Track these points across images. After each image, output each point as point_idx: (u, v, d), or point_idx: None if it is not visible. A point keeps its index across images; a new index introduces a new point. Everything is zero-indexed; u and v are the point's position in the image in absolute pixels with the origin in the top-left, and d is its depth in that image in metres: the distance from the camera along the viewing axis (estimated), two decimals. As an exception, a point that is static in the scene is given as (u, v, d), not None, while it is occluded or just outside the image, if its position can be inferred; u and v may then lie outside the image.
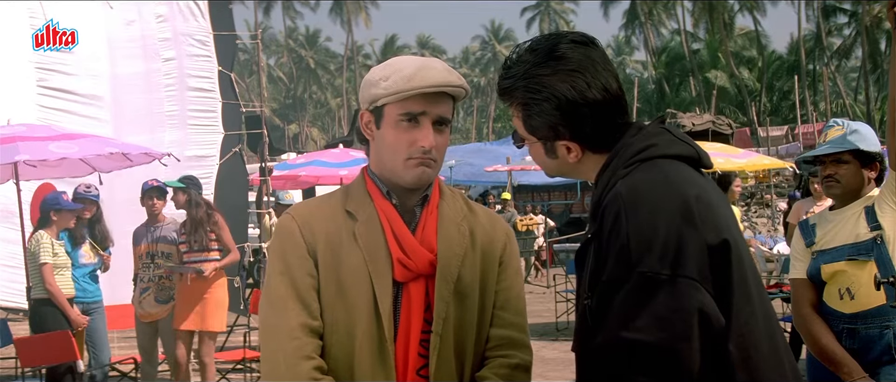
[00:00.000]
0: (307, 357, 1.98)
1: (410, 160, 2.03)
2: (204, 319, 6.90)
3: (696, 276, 1.62)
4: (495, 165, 23.61)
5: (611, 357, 1.62)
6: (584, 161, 1.86)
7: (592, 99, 1.78)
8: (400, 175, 2.05)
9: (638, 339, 1.58)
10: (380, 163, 2.10)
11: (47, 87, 9.76)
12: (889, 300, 2.99)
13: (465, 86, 2.07)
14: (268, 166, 11.81)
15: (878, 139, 3.52)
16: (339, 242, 2.04)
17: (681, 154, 1.79)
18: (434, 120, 2.04)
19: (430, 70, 2.03)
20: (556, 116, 1.80)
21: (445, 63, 2.11)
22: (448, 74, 2.05)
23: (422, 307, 2.03)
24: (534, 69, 1.81)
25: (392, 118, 2.04)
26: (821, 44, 49.70)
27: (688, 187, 1.70)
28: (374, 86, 2.06)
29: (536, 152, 1.90)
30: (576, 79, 1.78)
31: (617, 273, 1.64)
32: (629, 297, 1.61)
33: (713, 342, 1.62)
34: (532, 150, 1.91)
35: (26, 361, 6.62)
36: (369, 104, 2.08)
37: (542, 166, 1.95)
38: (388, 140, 2.05)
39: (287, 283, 2.02)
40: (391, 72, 2.05)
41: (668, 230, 1.62)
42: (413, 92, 2.00)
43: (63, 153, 7.15)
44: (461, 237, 2.08)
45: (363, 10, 76.45)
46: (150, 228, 7.22)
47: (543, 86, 1.79)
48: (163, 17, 10.71)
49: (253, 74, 60.42)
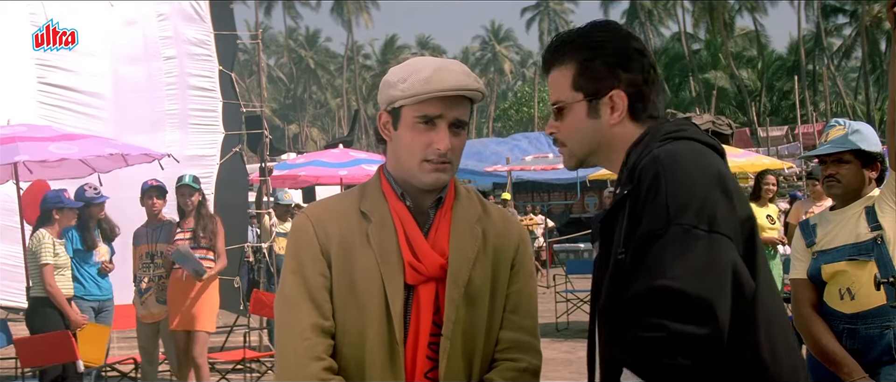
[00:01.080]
0: (317, 358, 1.99)
1: (426, 163, 2.03)
2: (195, 319, 6.88)
3: (732, 236, 1.66)
4: (495, 164, 23.63)
5: (646, 304, 1.62)
6: (621, 127, 1.88)
7: (649, 54, 1.91)
8: (416, 177, 2.05)
9: (674, 287, 1.59)
10: (397, 164, 2.10)
11: (48, 83, 9.75)
12: (889, 300, 2.99)
13: (481, 89, 2.07)
14: (268, 166, 11.79)
15: (878, 139, 3.52)
16: (353, 243, 2.04)
17: (708, 143, 1.85)
18: (450, 122, 2.04)
19: (448, 73, 2.02)
20: (616, 61, 1.86)
21: (463, 66, 2.10)
22: (465, 77, 2.04)
23: (431, 309, 2.03)
24: (591, 32, 1.92)
25: (409, 120, 2.04)
26: (821, 44, 49.71)
27: (720, 164, 1.78)
28: (392, 87, 2.06)
29: (576, 117, 1.90)
30: (632, 39, 1.91)
31: (653, 227, 1.65)
32: (666, 248, 1.63)
33: (741, 306, 1.65)
34: (570, 116, 1.91)
35: (26, 361, 6.62)
36: (387, 105, 2.08)
37: (573, 141, 1.93)
38: (405, 142, 2.05)
39: (299, 282, 2.03)
40: (409, 73, 2.04)
41: (704, 193, 1.67)
42: (430, 95, 2.00)
43: (63, 154, 7.15)
44: (473, 240, 2.07)
45: (364, 9, 76.48)
46: (150, 228, 7.22)
47: (604, 40, 1.88)
48: (164, 15, 10.69)
49: (253, 75, 60.40)
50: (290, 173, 13.36)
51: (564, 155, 1.96)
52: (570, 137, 1.92)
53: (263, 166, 11.55)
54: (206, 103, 10.82)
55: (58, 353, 6.41)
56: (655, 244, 1.64)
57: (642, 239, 1.67)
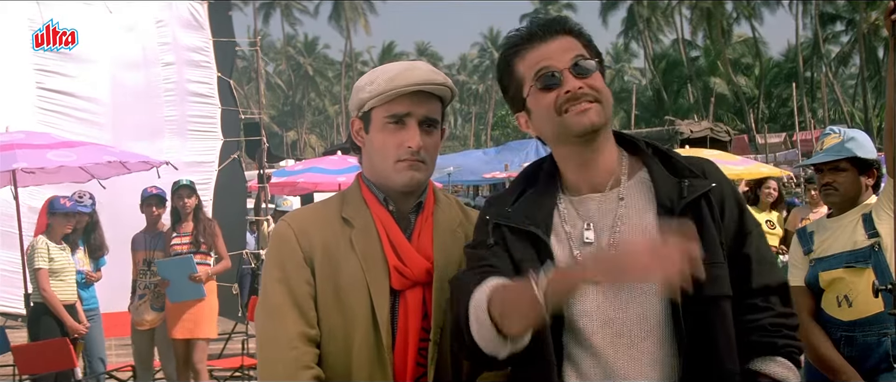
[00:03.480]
0: (306, 367, 1.97)
1: (400, 163, 2.03)
2: (196, 326, 6.87)
3: None
4: (494, 171, 23.62)
5: (788, 294, 1.98)
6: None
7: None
8: (391, 179, 2.06)
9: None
10: (372, 168, 2.11)
11: (46, 89, 9.74)
12: (887, 307, 2.98)
13: (448, 84, 2.07)
14: (266, 172, 11.79)
15: (874, 147, 3.53)
16: (337, 249, 2.03)
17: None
18: (420, 120, 2.04)
19: (414, 70, 2.04)
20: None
21: (430, 66, 2.12)
22: (431, 73, 2.06)
23: (419, 315, 2.02)
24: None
25: (379, 122, 2.05)
26: (818, 51, 49.75)
27: None
28: (361, 91, 2.08)
29: (600, 79, 1.92)
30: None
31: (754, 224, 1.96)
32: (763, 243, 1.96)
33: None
34: (597, 76, 1.90)
35: (24, 368, 6.61)
36: (358, 111, 2.09)
37: (605, 99, 1.89)
38: (377, 144, 2.06)
39: (284, 291, 2.01)
40: (376, 76, 2.07)
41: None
42: (396, 92, 2.01)
43: (61, 161, 7.14)
44: (457, 244, 2.07)
45: (362, 16, 76.51)
46: (148, 235, 7.22)
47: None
48: (163, 21, 10.71)
49: (251, 81, 60.41)
50: (289, 180, 13.35)
51: (593, 112, 1.86)
52: (604, 96, 1.89)
53: (262, 172, 11.55)
54: (204, 110, 10.83)
55: (56, 360, 6.41)
56: (762, 239, 1.95)
57: (753, 233, 1.92)
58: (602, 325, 1.82)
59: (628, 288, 1.82)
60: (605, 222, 1.88)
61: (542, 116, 1.90)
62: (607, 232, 1.88)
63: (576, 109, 1.85)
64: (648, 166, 1.93)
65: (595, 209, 1.90)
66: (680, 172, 1.90)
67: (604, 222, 1.89)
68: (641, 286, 1.80)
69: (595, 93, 1.86)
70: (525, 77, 1.91)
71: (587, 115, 1.85)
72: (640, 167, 1.94)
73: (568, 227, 1.90)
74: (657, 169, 1.91)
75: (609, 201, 1.90)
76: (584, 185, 1.93)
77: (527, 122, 1.97)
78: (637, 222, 1.87)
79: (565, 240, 1.90)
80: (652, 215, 1.87)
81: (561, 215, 1.92)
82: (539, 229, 1.89)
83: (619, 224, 1.87)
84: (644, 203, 1.89)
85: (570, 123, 1.85)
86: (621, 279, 1.69)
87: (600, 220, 1.89)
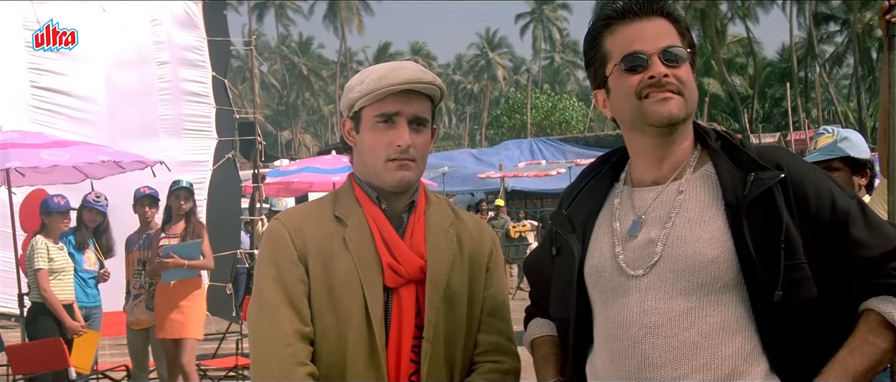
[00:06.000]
0: (301, 364, 1.97)
1: (390, 162, 2.04)
2: (183, 327, 6.85)
3: None
4: (488, 171, 23.66)
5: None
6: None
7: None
8: (381, 178, 2.07)
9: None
10: (363, 167, 2.12)
11: (40, 87, 9.72)
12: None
13: (437, 83, 2.08)
14: (261, 172, 11.78)
15: (867, 146, 3.53)
16: (330, 247, 2.04)
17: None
18: (410, 119, 2.05)
19: (402, 69, 2.05)
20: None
21: (419, 65, 2.13)
22: (420, 72, 2.07)
23: (412, 313, 2.03)
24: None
25: (369, 121, 2.06)
26: (813, 51, 49.85)
27: None
28: (351, 91, 2.09)
29: (688, 70, 1.84)
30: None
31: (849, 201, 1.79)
32: (869, 213, 1.79)
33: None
34: (685, 67, 1.82)
35: (18, 368, 6.60)
36: (348, 111, 2.11)
37: (690, 90, 1.82)
38: (368, 143, 2.07)
39: (279, 289, 2.01)
40: (366, 76, 2.08)
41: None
42: (385, 91, 2.02)
43: (54, 161, 7.13)
44: (449, 243, 2.09)
45: (357, 16, 76.48)
46: (142, 235, 7.21)
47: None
48: (157, 20, 10.68)
49: (246, 81, 60.32)
50: (284, 180, 13.37)
51: (674, 103, 1.79)
52: (689, 89, 1.82)
53: (256, 172, 11.54)
54: (199, 109, 10.81)
55: (50, 360, 6.40)
56: (864, 210, 1.78)
57: (852, 212, 1.75)
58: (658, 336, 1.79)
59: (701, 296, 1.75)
60: (658, 214, 1.82)
61: (622, 97, 1.83)
62: (659, 225, 1.80)
63: (657, 97, 1.77)
64: (714, 160, 1.83)
65: (651, 201, 1.84)
66: (747, 165, 1.78)
67: (657, 215, 1.82)
68: (717, 296, 1.74)
69: (679, 84, 1.79)
70: (611, 54, 1.84)
71: (667, 105, 1.78)
72: (707, 160, 1.85)
73: (617, 221, 1.86)
74: (723, 163, 1.80)
75: (668, 194, 1.83)
76: (649, 177, 1.86)
77: (605, 101, 1.90)
78: (695, 216, 1.78)
79: (609, 234, 1.86)
80: (715, 210, 1.77)
81: (613, 207, 1.89)
82: (575, 234, 1.90)
83: (673, 217, 1.79)
84: (706, 198, 1.79)
85: (649, 111, 1.78)
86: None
87: (654, 212, 1.82)
